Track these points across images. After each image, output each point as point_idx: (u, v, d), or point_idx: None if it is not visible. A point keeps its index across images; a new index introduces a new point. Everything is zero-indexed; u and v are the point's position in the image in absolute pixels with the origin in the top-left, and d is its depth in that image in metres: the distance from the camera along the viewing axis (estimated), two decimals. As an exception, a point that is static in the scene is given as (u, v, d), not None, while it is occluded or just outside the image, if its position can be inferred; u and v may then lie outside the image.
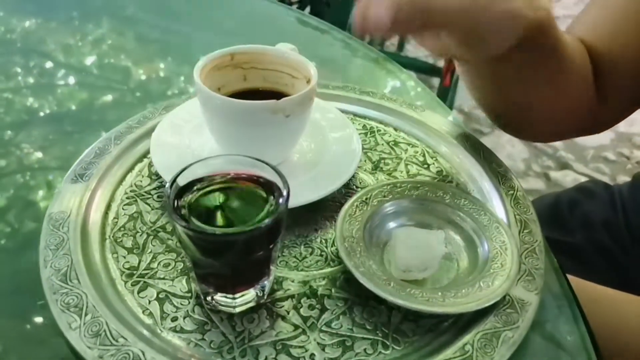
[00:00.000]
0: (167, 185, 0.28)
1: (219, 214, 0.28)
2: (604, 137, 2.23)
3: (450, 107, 1.57)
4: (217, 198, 0.29)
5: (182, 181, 0.29)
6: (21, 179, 0.45)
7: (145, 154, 0.41)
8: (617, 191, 0.65)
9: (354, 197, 0.36)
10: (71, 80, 0.64)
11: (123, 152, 0.41)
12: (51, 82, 0.63)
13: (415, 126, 0.46)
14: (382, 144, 0.45)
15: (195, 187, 0.29)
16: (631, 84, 0.49)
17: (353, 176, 0.40)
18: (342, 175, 0.38)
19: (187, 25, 0.81)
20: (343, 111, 0.46)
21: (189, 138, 0.41)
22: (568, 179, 1.90)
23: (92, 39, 0.74)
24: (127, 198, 0.38)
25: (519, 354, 0.29)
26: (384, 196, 0.36)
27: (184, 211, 0.27)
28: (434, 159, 0.44)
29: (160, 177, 0.39)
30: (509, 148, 2.23)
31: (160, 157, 0.38)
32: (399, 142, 0.45)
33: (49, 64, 0.66)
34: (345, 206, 0.35)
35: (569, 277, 0.41)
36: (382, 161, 0.43)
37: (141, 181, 0.39)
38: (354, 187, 0.40)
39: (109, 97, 0.60)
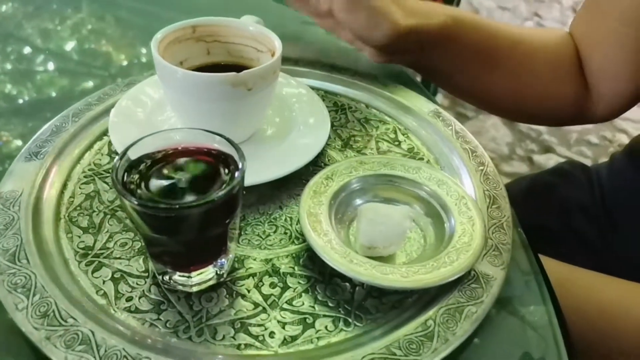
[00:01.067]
0: (117, 159, 0.26)
1: (170, 189, 0.27)
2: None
3: (435, 91, 1.56)
4: (169, 172, 0.27)
5: (133, 155, 0.27)
6: (0, 168, 0.43)
7: (105, 132, 0.39)
8: (594, 173, 0.65)
9: (320, 174, 0.35)
10: (51, 66, 0.62)
11: (81, 129, 0.39)
12: (30, 68, 0.61)
13: (387, 103, 0.45)
14: (353, 121, 0.44)
15: (147, 162, 0.28)
16: (620, 80, 0.52)
17: (322, 153, 0.39)
18: (309, 152, 0.37)
19: (169, 9, 0.77)
20: (313, 88, 0.45)
21: (150, 115, 0.40)
22: (551, 162, 1.91)
23: (71, 23, 0.71)
24: (85, 177, 0.36)
25: (483, 329, 0.29)
26: (351, 172, 0.35)
27: (132, 186, 0.26)
28: (406, 135, 0.43)
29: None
30: (493, 132, 2.23)
31: (118, 135, 0.37)
32: (370, 119, 0.44)
33: (27, 50, 0.64)
34: (310, 182, 0.34)
35: (541, 257, 0.41)
36: (352, 138, 0.42)
37: (100, 160, 0.38)
38: (322, 164, 0.39)
39: (89, 84, 0.58)
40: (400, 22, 0.42)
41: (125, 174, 0.26)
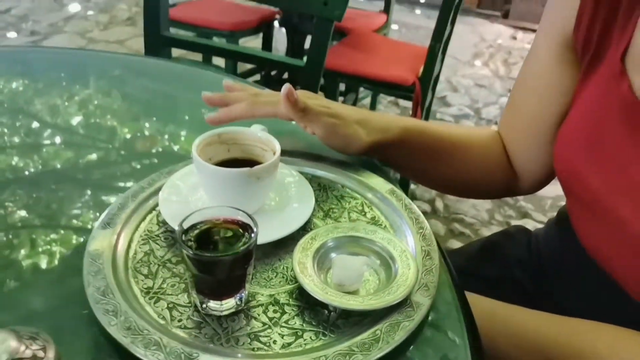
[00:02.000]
0: (177, 227, 0.42)
1: (212, 245, 0.42)
2: (560, 188, 2.46)
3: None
4: (211, 234, 0.43)
5: (186, 225, 0.43)
6: (4, 237, 0.47)
7: (155, 207, 0.55)
8: (534, 236, 0.82)
9: (306, 236, 0.51)
10: (57, 139, 0.65)
11: (138, 205, 0.55)
12: (37, 141, 0.64)
13: (357, 184, 0.62)
14: (332, 197, 0.60)
15: (196, 228, 0.43)
16: (534, 166, 0.70)
17: (308, 221, 0.55)
18: (299, 221, 0.53)
19: (171, 86, 0.84)
20: (303, 173, 0.62)
21: (187, 195, 0.56)
22: (528, 227, 2.06)
23: (78, 99, 0.75)
24: (142, 240, 0.52)
25: (415, 337, 0.44)
26: (328, 235, 0.51)
27: (189, 243, 0.42)
28: (370, 208, 0.59)
29: (166, 224, 0.53)
30: (473, 199, 2.40)
31: (166, 209, 0.53)
32: (344, 196, 0.60)
33: (35, 124, 0.67)
34: (300, 241, 0.50)
35: (471, 294, 0.57)
36: (331, 210, 0.58)
37: (152, 227, 0.53)
38: (309, 229, 0.55)
39: (93, 156, 0.62)
40: (365, 140, 0.60)
41: (183, 235, 0.42)
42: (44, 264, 0.49)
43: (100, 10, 4.24)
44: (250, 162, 0.54)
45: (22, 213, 0.49)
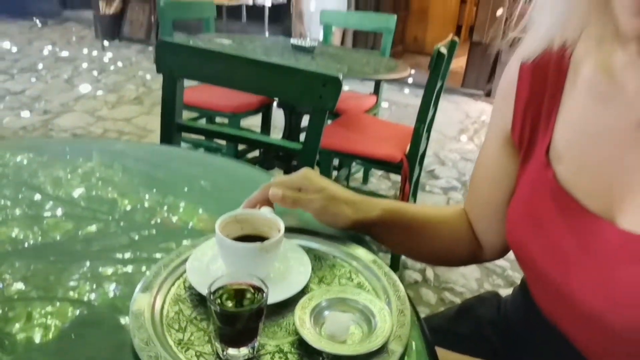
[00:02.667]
0: (207, 289, 0.55)
1: (232, 302, 0.55)
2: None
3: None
4: (232, 294, 0.56)
5: (213, 288, 0.56)
6: (0, 310, 0.47)
7: (182, 274, 0.68)
8: (503, 301, 0.94)
9: (304, 297, 0.64)
10: (58, 211, 0.65)
11: (169, 273, 0.68)
12: (38, 213, 0.65)
13: (345, 255, 0.75)
14: (325, 266, 0.73)
15: (221, 290, 0.56)
16: (494, 238, 0.83)
17: (305, 286, 0.68)
18: (298, 285, 0.66)
19: (172, 159, 0.90)
20: (301, 246, 0.75)
21: (209, 264, 0.69)
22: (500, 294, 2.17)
23: (81, 171, 0.77)
24: (173, 301, 0.64)
25: (389, 377, 0.55)
26: (322, 296, 0.64)
27: (217, 301, 0.55)
28: (357, 275, 0.72)
29: (192, 288, 0.66)
30: (462, 269, 2.51)
31: (192, 276, 0.66)
32: (335, 265, 0.74)
33: (37, 196, 0.68)
34: (299, 302, 0.63)
35: (444, 350, 0.69)
36: (324, 277, 0.71)
37: (180, 292, 0.66)
38: (307, 292, 0.68)
39: (93, 227, 0.63)
40: (352, 217, 0.74)
41: (211, 295, 0.55)
42: (88, 325, 0.61)
43: (109, 91, 4.53)
44: (260, 238, 0.68)
45: (19, 285, 0.51)
